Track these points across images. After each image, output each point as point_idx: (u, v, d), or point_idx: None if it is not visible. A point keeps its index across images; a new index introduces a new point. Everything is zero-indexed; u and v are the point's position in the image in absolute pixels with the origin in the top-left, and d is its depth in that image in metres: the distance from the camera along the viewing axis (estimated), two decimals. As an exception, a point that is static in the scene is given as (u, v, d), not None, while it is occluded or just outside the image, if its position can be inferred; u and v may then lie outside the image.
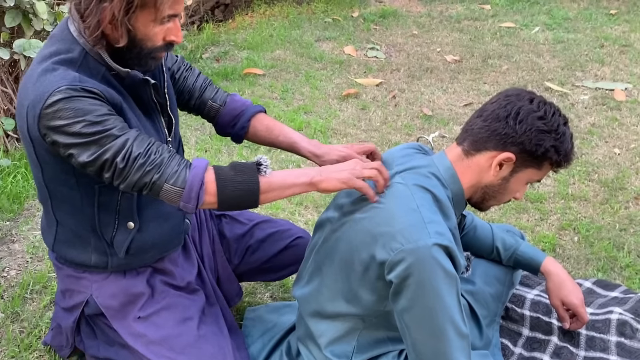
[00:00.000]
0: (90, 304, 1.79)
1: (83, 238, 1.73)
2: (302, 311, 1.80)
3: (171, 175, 1.50)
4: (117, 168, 1.48)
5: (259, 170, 1.56)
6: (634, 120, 3.61)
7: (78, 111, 1.44)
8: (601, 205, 2.90)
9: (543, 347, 2.12)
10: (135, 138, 1.49)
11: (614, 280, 2.47)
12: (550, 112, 1.58)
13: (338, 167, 1.58)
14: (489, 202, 1.71)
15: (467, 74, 4.20)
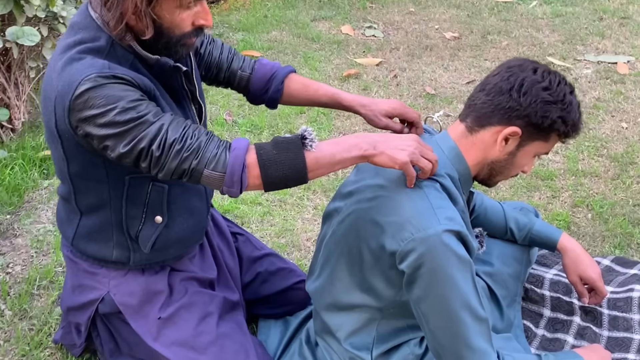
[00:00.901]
0: (106, 302, 1.73)
1: (106, 232, 1.66)
2: (317, 306, 1.75)
3: (210, 159, 1.40)
4: (153, 156, 1.39)
5: (304, 145, 1.42)
6: (639, 94, 3.56)
7: (110, 98, 1.36)
8: (613, 180, 2.86)
9: (566, 328, 2.08)
10: (170, 123, 1.40)
11: (632, 257, 2.43)
12: (555, 81, 1.51)
13: (397, 142, 1.42)
14: (497, 178, 1.65)
15: (467, 50, 4.14)
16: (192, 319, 1.72)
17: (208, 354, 1.68)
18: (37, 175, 2.82)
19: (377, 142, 1.42)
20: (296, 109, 3.39)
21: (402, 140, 1.43)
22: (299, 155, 1.41)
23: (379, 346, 1.68)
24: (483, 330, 1.52)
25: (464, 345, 1.50)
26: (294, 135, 1.43)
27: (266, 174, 1.41)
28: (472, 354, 1.51)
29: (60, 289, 2.21)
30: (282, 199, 2.74)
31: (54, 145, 1.54)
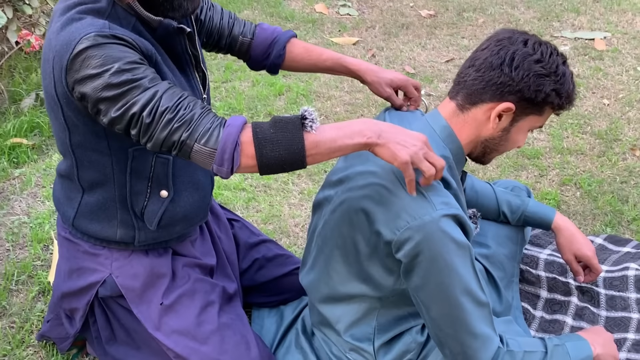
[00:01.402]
0: (107, 284, 1.64)
1: (110, 210, 1.58)
2: (313, 299, 1.69)
3: (202, 133, 1.30)
4: (143, 124, 1.30)
5: (303, 126, 1.32)
6: (617, 70, 3.56)
7: (107, 58, 1.29)
8: (598, 158, 2.85)
9: (564, 309, 2.06)
10: (166, 90, 1.32)
11: (623, 235, 2.42)
12: (547, 52, 1.45)
13: (402, 137, 1.33)
14: (491, 155, 1.60)
15: (444, 28, 4.09)
16: (193, 308, 1.65)
17: (209, 344, 1.62)
18: (6, 164, 2.69)
19: (383, 131, 1.33)
20: (274, 90, 3.30)
21: (408, 136, 1.33)
22: (298, 135, 1.31)
23: (381, 336, 1.63)
24: (485, 315, 1.49)
25: (466, 331, 1.47)
26: (294, 115, 1.35)
27: (261, 154, 1.31)
28: (474, 340, 1.47)
29: (40, 283, 2.11)
30: (267, 184, 2.66)
31: (54, 114, 1.46)
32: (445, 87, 3.44)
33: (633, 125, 3.06)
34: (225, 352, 1.64)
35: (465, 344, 1.48)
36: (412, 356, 1.65)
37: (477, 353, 1.48)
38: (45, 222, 2.39)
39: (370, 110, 3.21)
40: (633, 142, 2.94)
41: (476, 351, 1.48)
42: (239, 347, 1.66)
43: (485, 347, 1.48)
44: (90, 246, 1.64)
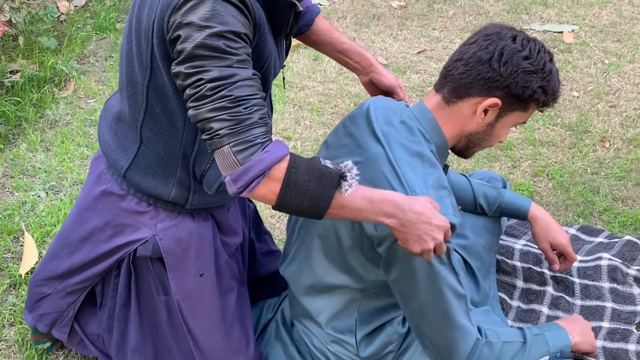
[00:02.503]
0: (149, 244, 1.57)
1: (169, 167, 1.49)
2: (294, 290, 1.68)
3: (241, 142, 1.23)
4: (200, 91, 1.23)
5: (339, 185, 1.28)
6: (586, 62, 3.61)
7: (216, 16, 1.22)
8: (569, 149, 2.89)
9: (540, 299, 2.09)
10: (244, 79, 1.25)
11: (595, 225, 2.46)
12: (535, 49, 1.46)
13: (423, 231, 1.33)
14: (474, 150, 1.61)
15: (415, 20, 4.09)
16: (218, 289, 1.64)
17: (219, 333, 1.63)
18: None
19: (408, 221, 1.31)
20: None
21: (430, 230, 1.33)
22: (329, 193, 1.27)
23: (362, 328, 1.63)
24: (463, 307, 1.50)
25: (444, 323, 1.48)
26: (336, 167, 1.29)
27: (284, 196, 1.26)
28: (453, 332, 1.49)
29: (11, 276, 2.05)
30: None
31: (138, 50, 1.37)
32: (418, 78, 3.45)
33: (602, 117, 3.11)
34: (229, 344, 1.64)
35: (444, 335, 1.49)
36: (393, 347, 1.66)
37: (455, 344, 1.49)
38: (15, 214, 2.33)
39: (344, 100, 3.21)
40: (602, 134, 2.99)
41: (455, 342, 1.49)
42: (241, 343, 1.66)
43: (464, 339, 1.50)
44: (136, 202, 1.55)
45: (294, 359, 1.76)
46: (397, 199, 1.31)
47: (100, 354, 1.79)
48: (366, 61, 1.80)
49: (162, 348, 1.69)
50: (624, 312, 2.04)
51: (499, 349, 1.55)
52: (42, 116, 2.94)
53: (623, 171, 2.74)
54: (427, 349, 1.54)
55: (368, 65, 1.80)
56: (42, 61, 3.27)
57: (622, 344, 1.92)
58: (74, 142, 2.77)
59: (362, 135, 1.53)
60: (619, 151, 2.88)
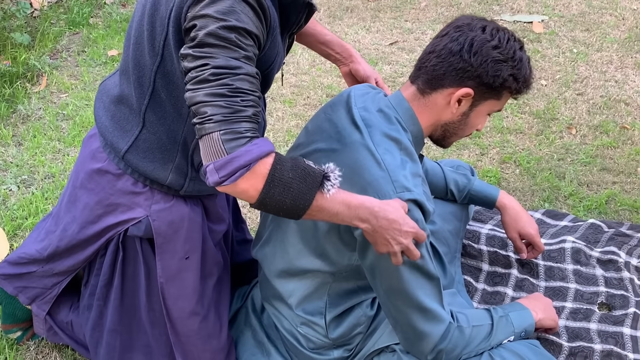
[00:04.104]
0: (141, 225, 1.58)
1: (169, 152, 1.51)
2: (267, 272, 1.71)
3: (231, 131, 1.25)
4: (203, 75, 1.25)
5: (322, 185, 1.32)
6: (554, 52, 3.66)
7: (232, 12, 1.25)
8: (537, 136, 2.94)
9: (505, 281, 2.14)
10: (247, 74, 1.28)
11: (561, 209, 2.51)
12: (504, 38, 1.50)
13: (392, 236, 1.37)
14: (451, 139, 1.65)
15: (388, 12, 4.13)
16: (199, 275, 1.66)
17: (195, 318, 1.66)
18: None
19: (380, 227, 1.36)
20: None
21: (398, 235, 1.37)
22: (311, 193, 1.30)
23: (332, 310, 1.67)
24: (435, 291, 1.54)
25: (417, 306, 1.51)
26: (319, 168, 1.32)
27: (268, 192, 1.28)
28: (425, 315, 1.52)
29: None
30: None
31: (150, 36, 1.39)
32: (390, 69, 3.49)
33: (569, 105, 3.17)
34: (204, 329, 1.67)
35: (415, 318, 1.52)
36: (362, 329, 1.69)
37: (426, 328, 1.53)
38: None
39: (317, 92, 3.24)
40: (569, 121, 3.04)
41: (426, 326, 1.53)
42: (215, 327, 1.69)
43: (436, 323, 1.53)
44: (132, 183, 1.56)
45: (263, 344, 1.80)
46: (374, 206, 1.36)
47: (70, 340, 1.82)
48: (347, 52, 1.85)
49: (137, 330, 1.71)
50: (587, 292, 2.09)
51: (469, 333, 1.59)
52: (15, 111, 2.94)
53: (589, 157, 2.80)
54: (400, 334, 1.58)
55: (349, 56, 1.85)
56: (14, 57, 3.27)
57: (584, 323, 1.97)
58: (45, 136, 2.78)
59: (341, 121, 1.57)
60: (585, 137, 2.94)
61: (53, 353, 1.90)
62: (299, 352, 1.72)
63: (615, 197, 2.57)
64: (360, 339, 1.71)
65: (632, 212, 2.51)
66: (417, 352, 1.57)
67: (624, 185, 2.65)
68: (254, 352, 1.79)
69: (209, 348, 1.69)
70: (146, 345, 1.72)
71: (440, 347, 1.54)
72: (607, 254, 2.20)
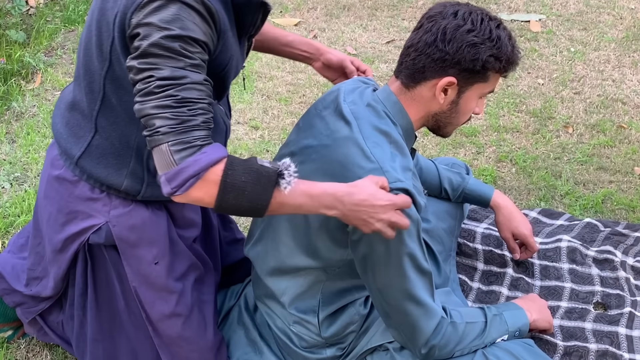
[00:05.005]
0: (102, 232, 1.56)
1: (122, 157, 1.49)
2: (259, 271, 1.70)
3: (179, 142, 1.26)
4: (149, 87, 1.26)
5: (277, 184, 1.32)
6: (552, 51, 3.65)
7: (176, 20, 1.24)
8: (533, 135, 2.93)
9: (500, 280, 2.12)
10: (194, 83, 1.27)
11: (557, 209, 2.50)
12: (477, 20, 1.45)
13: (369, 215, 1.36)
14: (447, 129, 1.62)
15: (385, 10, 4.12)
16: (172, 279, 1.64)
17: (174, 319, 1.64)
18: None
19: (350, 210, 1.35)
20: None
21: (375, 212, 1.35)
22: (267, 192, 1.30)
23: (325, 308, 1.66)
24: (427, 284, 1.53)
25: (408, 299, 1.50)
26: (273, 166, 1.32)
27: (223, 198, 1.29)
28: (416, 308, 1.51)
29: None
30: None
31: (97, 41, 1.38)
32: (386, 67, 3.48)
33: (566, 104, 3.16)
34: (187, 330, 1.65)
35: (407, 312, 1.51)
36: (355, 327, 1.68)
37: (419, 322, 1.52)
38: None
39: (312, 90, 3.22)
40: (566, 120, 3.03)
41: (418, 319, 1.52)
42: (200, 327, 1.67)
43: (428, 317, 1.52)
44: (89, 189, 1.54)
45: (256, 343, 1.78)
46: (337, 191, 1.35)
47: (61, 340, 1.80)
48: (313, 47, 1.83)
49: (120, 336, 1.69)
50: (582, 292, 2.08)
51: (462, 330, 1.58)
52: (9, 108, 2.93)
53: (585, 156, 2.79)
54: (392, 329, 1.57)
55: (316, 50, 1.83)
56: (9, 54, 3.25)
57: (579, 322, 1.96)
58: (39, 133, 2.77)
59: (331, 117, 1.56)
60: (582, 136, 2.93)
61: (44, 351, 1.88)
62: (291, 350, 1.71)
63: (611, 196, 2.56)
64: (353, 338, 1.70)
65: (629, 212, 2.50)
66: (410, 346, 1.56)
67: (620, 184, 2.64)
68: (246, 350, 1.78)
69: (196, 348, 1.67)
70: (131, 352, 1.70)
71: (433, 342, 1.53)
72: (603, 253, 2.19)
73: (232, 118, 2.94)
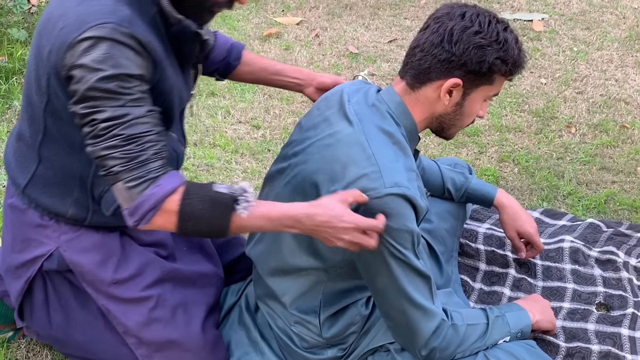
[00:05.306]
0: (54, 258, 1.58)
1: (66, 187, 1.51)
2: (260, 271, 1.70)
3: (133, 178, 1.31)
4: (94, 131, 1.30)
5: (234, 209, 1.35)
6: (554, 50, 3.64)
7: (108, 59, 1.27)
8: (536, 135, 2.92)
9: (502, 281, 2.12)
10: (137, 117, 1.30)
11: (559, 209, 2.50)
12: (485, 22, 1.45)
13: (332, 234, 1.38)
14: (451, 130, 1.62)
15: (387, 9, 4.11)
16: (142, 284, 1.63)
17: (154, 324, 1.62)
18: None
19: (310, 231, 1.39)
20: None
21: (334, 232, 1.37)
22: (225, 219, 1.35)
23: (326, 309, 1.65)
24: (426, 287, 1.52)
25: (407, 302, 1.50)
26: (230, 192, 1.36)
27: (182, 225, 1.34)
28: (416, 311, 1.51)
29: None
30: (209, 162, 2.64)
31: (36, 75, 1.41)
32: (389, 67, 3.47)
33: (569, 103, 3.15)
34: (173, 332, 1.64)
35: (406, 314, 1.51)
36: (356, 328, 1.68)
37: (418, 324, 1.51)
38: (-20, 204, 2.32)
39: (314, 89, 3.22)
40: (569, 120, 3.02)
41: (417, 322, 1.51)
42: (188, 326, 1.66)
43: (428, 319, 1.51)
44: (38, 216, 1.57)
45: (257, 344, 1.78)
46: (297, 213, 1.38)
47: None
48: (303, 73, 1.83)
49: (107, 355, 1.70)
50: (585, 292, 2.07)
51: (463, 332, 1.57)
52: (10, 107, 2.93)
53: (588, 156, 2.78)
54: (392, 330, 1.57)
55: (306, 76, 1.82)
56: (11, 52, 3.26)
57: (581, 323, 1.95)
58: (41, 132, 2.77)
59: (334, 117, 1.55)
60: (585, 136, 2.92)
61: (44, 351, 1.88)
62: (292, 351, 1.71)
63: (614, 196, 2.55)
64: (355, 339, 1.69)
65: (631, 212, 2.49)
66: (410, 348, 1.56)
67: (623, 184, 2.63)
68: (247, 351, 1.77)
69: (188, 348, 1.65)
70: None
71: (433, 344, 1.52)
72: (606, 254, 2.18)
73: (233, 118, 2.94)
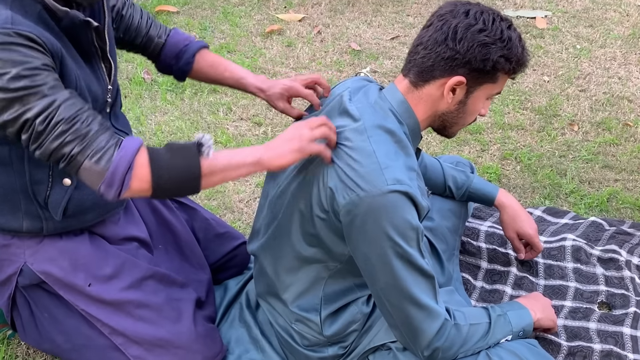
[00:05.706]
0: (25, 273, 1.59)
1: (12, 202, 1.51)
2: (263, 265, 1.69)
3: (95, 151, 1.30)
4: (35, 131, 1.28)
5: (199, 152, 1.37)
6: (557, 48, 3.63)
7: (7, 62, 1.24)
8: (538, 133, 2.91)
9: (504, 279, 2.11)
10: (65, 100, 1.29)
11: (561, 207, 2.49)
12: (489, 20, 1.44)
13: (284, 136, 1.43)
14: (453, 129, 1.61)
15: (390, 6, 4.10)
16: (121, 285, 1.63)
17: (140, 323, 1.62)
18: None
19: (269, 145, 1.43)
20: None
21: (287, 133, 1.43)
22: (194, 160, 1.36)
23: (327, 307, 1.64)
24: (430, 287, 1.51)
25: (410, 302, 1.49)
26: (190, 142, 1.38)
27: (157, 178, 1.34)
28: (419, 311, 1.50)
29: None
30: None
31: None
32: (391, 64, 3.46)
33: (572, 101, 3.14)
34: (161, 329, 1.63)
35: (409, 314, 1.50)
36: (357, 326, 1.67)
37: (421, 324, 1.50)
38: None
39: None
40: (571, 118, 3.01)
41: (421, 322, 1.50)
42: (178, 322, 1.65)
43: (431, 319, 1.50)
44: (0, 237, 1.57)
45: (258, 341, 1.78)
46: (256, 147, 1.43)
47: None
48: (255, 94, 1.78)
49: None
50: (587, 291, 2.06)
51: (466, 331, 1.56)
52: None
53: (590, 154, 2.77)
54: (395, 330, 1.55)
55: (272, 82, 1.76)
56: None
57: (583, 322, 1.95)
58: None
59: (336, 114, 1.55)
60: (587, 134, 2.91)
61: (45, 348, 1.88)
62: (293, 349, 1.70)
63: (617, 194, 2.54)
64: (356, 337, 1.69)
65: (634, 210, 2.48)
66: (412, 348, 1.55)
67: (626, 182, 2.62)
68: (248, 348, 1.77)
69: (179, 345, 1.64)
70: None
71: (436, 344, 1.51)
72: (608, 253, 2.17)
73: (235, 115, 2.93)
